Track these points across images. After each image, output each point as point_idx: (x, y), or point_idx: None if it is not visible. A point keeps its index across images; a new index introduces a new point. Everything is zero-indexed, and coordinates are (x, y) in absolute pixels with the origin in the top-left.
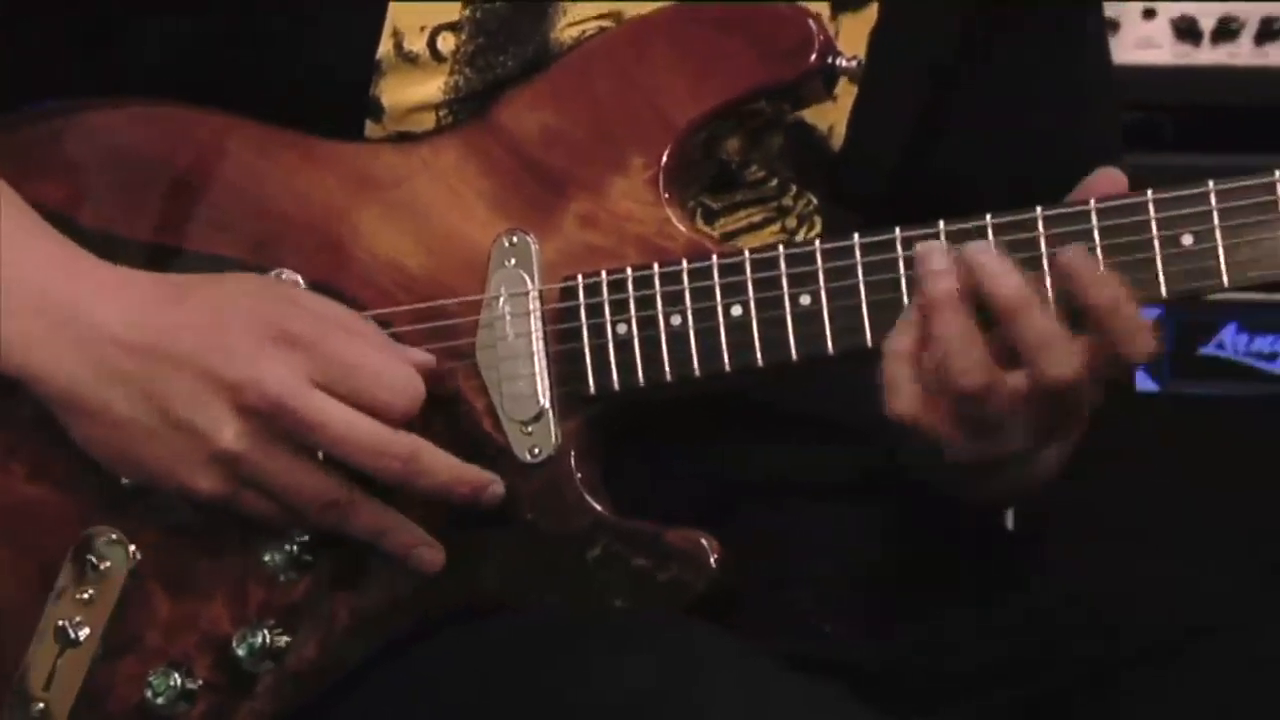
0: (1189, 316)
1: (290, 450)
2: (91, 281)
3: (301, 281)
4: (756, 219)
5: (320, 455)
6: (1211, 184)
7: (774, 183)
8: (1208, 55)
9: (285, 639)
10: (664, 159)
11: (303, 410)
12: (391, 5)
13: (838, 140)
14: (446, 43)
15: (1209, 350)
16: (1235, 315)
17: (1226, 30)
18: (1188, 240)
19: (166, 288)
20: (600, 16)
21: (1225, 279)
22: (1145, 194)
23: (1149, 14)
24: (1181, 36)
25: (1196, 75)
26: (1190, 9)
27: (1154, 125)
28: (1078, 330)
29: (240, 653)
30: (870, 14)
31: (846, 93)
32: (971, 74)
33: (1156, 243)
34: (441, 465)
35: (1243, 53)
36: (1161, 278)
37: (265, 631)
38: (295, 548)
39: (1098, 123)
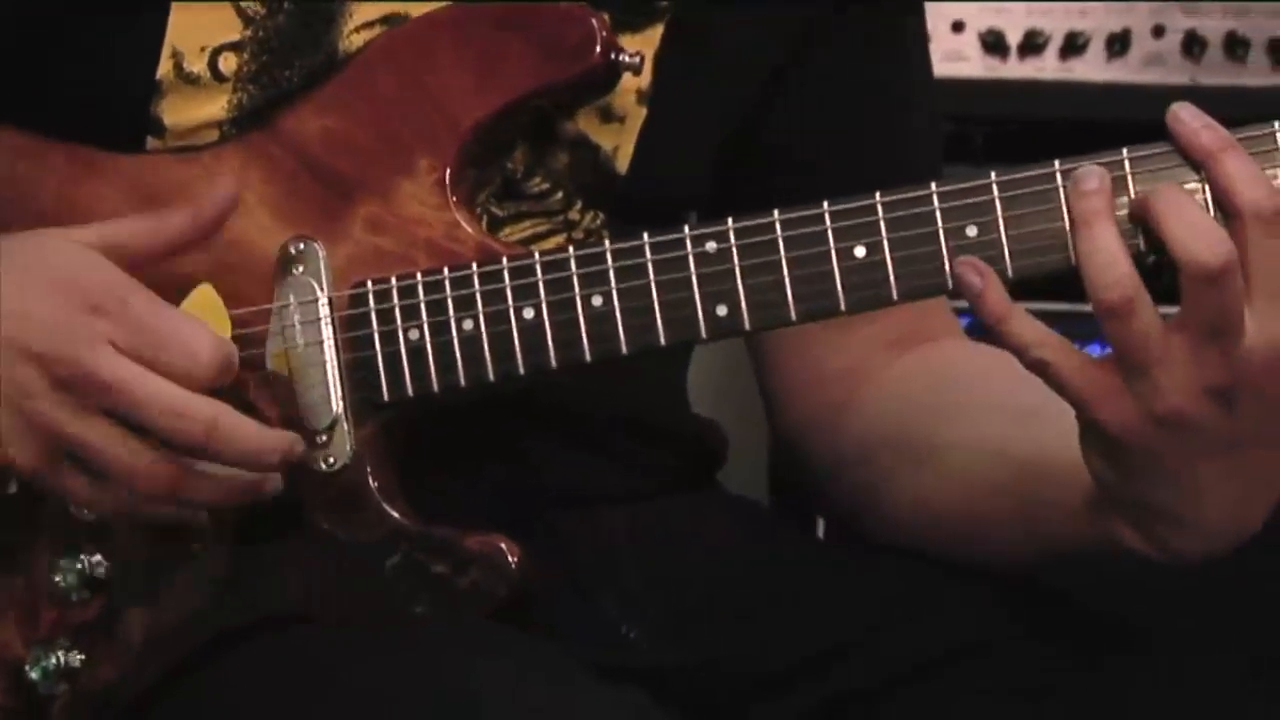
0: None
1: (111, 419)
2: None
3: None
4: (541, 230)
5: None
6: (994, 175)
7: (559, 196)
8: (1015, 69)
9: (79, 658)
10: (450, 161)
11: (108, 377)
12: (171, 25)
13: (623, 160)
14: (228, 63)
15: None
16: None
17: (1033, 45)
18: (972, 231)
19: None
20: (385, 19)
21: (1010, 269)
22: (930, 187)
23: (957, 27)
24: (989, 50)
25: (1005, 88)
26: (997, 23)
27: (965, 137)
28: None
29: (34, 676)
30: (653, 36)
31: (634, 114)
32: (766, 98)
33: (942, 234)
34: (248, 430)
35: (1048, 66)
36: (947, 268)
37: (59, 652)
38: (87, 565)
39: (914, 141)
